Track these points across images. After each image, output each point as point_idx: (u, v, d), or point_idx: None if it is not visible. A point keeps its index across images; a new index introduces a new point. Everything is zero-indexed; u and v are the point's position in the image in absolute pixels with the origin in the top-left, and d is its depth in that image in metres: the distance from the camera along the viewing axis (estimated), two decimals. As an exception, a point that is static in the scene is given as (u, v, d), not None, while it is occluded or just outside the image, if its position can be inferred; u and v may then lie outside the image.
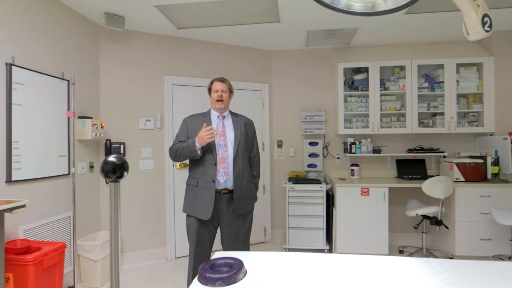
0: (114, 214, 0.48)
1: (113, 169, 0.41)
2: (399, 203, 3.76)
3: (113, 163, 0.42)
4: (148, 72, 3.28)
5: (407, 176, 3.61)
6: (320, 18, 2.99)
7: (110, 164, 0.41)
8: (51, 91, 2.43)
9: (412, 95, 3.49)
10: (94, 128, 2.75)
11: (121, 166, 0.43)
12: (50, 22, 2.46)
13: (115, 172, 0.41)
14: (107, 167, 0.41)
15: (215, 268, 1.23)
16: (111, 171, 0.41)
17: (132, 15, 2.87)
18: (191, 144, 2.01)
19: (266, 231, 3.89)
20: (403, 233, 3.74)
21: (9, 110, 2.06)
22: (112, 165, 0.41)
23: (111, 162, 0.42)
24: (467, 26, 1.58)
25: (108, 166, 0.40)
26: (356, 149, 3.65)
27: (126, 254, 3.15)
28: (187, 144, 2.03)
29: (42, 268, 1.92)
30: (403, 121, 3.60)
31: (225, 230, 2.13)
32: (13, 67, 2.08)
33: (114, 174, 0.41)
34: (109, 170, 0.41)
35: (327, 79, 3.92)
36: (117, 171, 0.41)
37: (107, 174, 0.41)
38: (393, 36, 3.46)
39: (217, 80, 2.19)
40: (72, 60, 2.70)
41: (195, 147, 2.00)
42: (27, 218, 2.21)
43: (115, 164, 0.41)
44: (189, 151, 2.03)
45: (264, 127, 3.92)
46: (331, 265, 1.29)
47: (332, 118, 3.90)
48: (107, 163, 0.41)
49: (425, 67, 3.67)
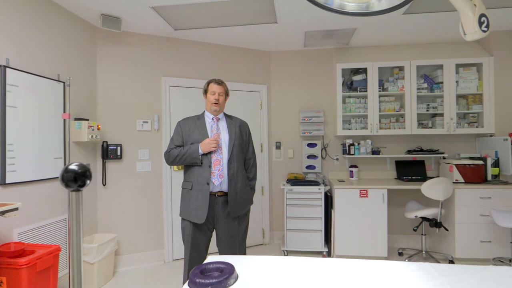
0: (76, 225, 0.45)
1: (74, 178, 0.38)
2: (398, 204, 3.73)
3: (74, 171, 0.39)
4: (145, 73, 3.27)
5: (407, 178, 3.58)
6: (317, 19, 2.97)
7: (71, 172, 0.39)
8: (46, 93, 2.42)
9: (411, 96, 3.46)
10: (90, 130, 2.74)
11: (83, 174, 0.40)
12: (46, 23, 2.45)
13: (77, 181, 0.39)
14: (67, 175, 0.39)
15: (206, 273, 1.21)
16: (72, 180, 0.39)
17: (128, 17, 2.86)
18: (194, 151, 2.01)
19: (265, 233, 3.87)
20: (402, 235, 3.71)
21: (3, 112, 2.05)
22: (73, 173, 0.38)
23: (72, 171, 0.40)
24: (464, 26, 1.56)
25: (68, 175, 0.38)
26: (355, 151, 3.62)
27: (123, 256, 3.13)
28: (190, 151, 2.03)
29: (36, 272, 1.91)
30: (402, 122, 3.57)
31: (221, 233, 2.11)
32: (7, 69, 2.07)
33: (76, 183, 0.39)
34: (69, 179, 0.38)
35: (326, 80, 3.90)
36: (79, 180, 0.39)
37: (68, 183, 0.39)
38: (392, 37, 3.43)
39: (214, 82, 2.15)
40: (69, 61, 2.69)
41: (198, 154, 2.01)
42: (22, 220, 2.20)
43: (76, 172, 0.39)
44: (191, 158, 2.04)
45: (262, 129, 3.90)
46: (325, 269, 1.27)
47: (331, 119, 3.88)
48: (68, 172, 0.39)
49: (424, 68, 3.64)
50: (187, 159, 2.05)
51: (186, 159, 2.06)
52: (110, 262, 2.88)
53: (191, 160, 2.05)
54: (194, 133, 2.12)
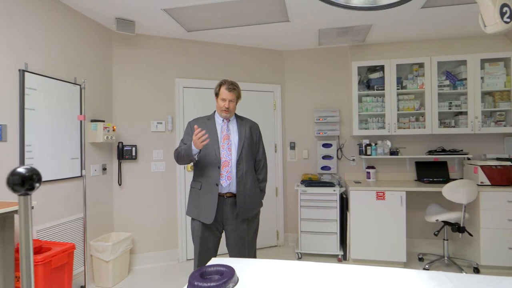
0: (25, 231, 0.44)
1: (22, 181, 0.37)
2: (419, 207, 3.56)
3: (22, 174, 0.38)
4: (159, 75, 3.32)
5: (427, 179, 3.41)
6: (330, 16, 2.89)
7: (18, 176, 0.38)
8: (63, 95, 2.51)
9: (431, 94, 3.30)
10: (105, 131, 2.81)
11: (30, 178, 0.39)
12: (64, 28, 2.53)
13: (24, 185, 0.38)
14: (14, 179, 0.38)
15: (206, 275, 1.19)
16: (19, 183, 0.37)
17: (142, 20, 2.91)
18: (188, 148, 1.99)
19: (279, 234, 3.82)
20: (423, 239, 3.54)
21: (22, 114, 2.14)
22: (20, 177, 0.37)
23: (19, 174, 0.38)
24: (483, 17, 1.45)
25: (15, 178, 0.37)
26: (371, 151, 3.50)
27: (138, 255, 3.19)
28: (186, 148, 2.01)
29: (51, 268, 1.97)
30: (423, 121, 3.41)
31: (230, 235, 2.09)
32: (26, 73, 2.16)
33: (23, 187, 0.38)
34: (16, 183, 0.37)
35: (341, 79, 3.80)
36: (26, 183, 0.38)
37: (14, 187, 0.38)
38: (410, 32, 3.28)
39: (226, 88, 2.07)
40: (85, 65, 2.78)
41: (192, 151, 1.97)
42: (40, 219, 2.28)
43: (23, 176, 0.38)
44: (187, 155, 2.00)
45: (276, 129, 3.85)
46: (331, 275, 1.21)
47: (347, 119, 3.77)
48: (15, 175, 0.38)
49: (446, 64, 3.46)
50: (184, 156, 2.01)
51: (183, 157, 2.02)
52: (125, 260, 2.94)
53: (187, 157, 2.00)
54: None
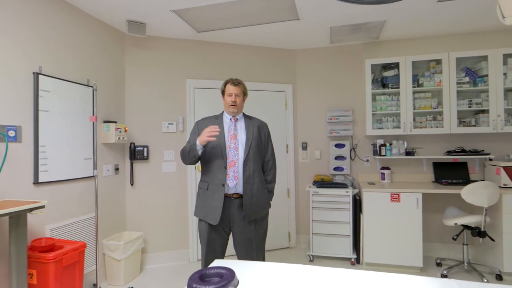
0: None
1: None
2: (436, 210, 3.41)
3: None
4: (171, 76, 3.35)
5: (446, 181, 3.26)
6: (341, 13, 2.82)
7: None
8: (76, 97, 2.57)
9: (450, 91, 3.15)
10: (117, 132, 2.86)
11: None
12: (77, 32, 2.59)
13: None
14: None
15: (206, 278, 1.17)
16: None
17: (153, 22, 2.94)
18: (193, 143, 1.99)
19: (291, 236, 3.77)
20: (442, 243, 3.39)
21: (36, 116, 2.20)
22: None
23: None
24: (502, 8, 1.36)
25: None
26: (386, 151, 3.39)
27: (150, 254, 3.22)
28: (190, 143, 2.01)
29: (62, 266, 2.01)
30: (440, 120, 3.27)
31: (237, 236, 2.07)
32: (40, 76, 2.22)
33: None
34: None
35: (355, 77, 3.70)
36: None
37: None
38: (426, 28, 3.16)
39: (230, 83, 2.10)
40: (98, 67, 2.83)
41: (196, 145, 1.97)
42: (53, 217, 2.34)
43: None
44: (191, 150, 1.99)
45: (288, 129, 3.80)
46: (335, 280, 1.16)
47: (360, 118, 3.67)
48: None
49: (465, 60, 3.30)
50: (190, 152, 2.00)
51: (189, 153, 2.01)
52: (136, 259, 2.97)
53: (192, 152, 1.99)
54: None
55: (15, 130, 2.06)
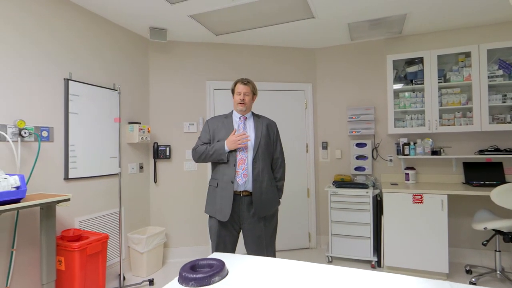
0: None
1: None
2: (466, 213, 3.19)
3: None
4: (191, 78, 3.49)
5: (477, 182, 3.04)
6: (358, 8, 2.76)
7: None
8: (103, 100, 2.78)
9: (480, 86, 2.94)
10: (141, 132, 3.04)
11: None
12: (103, 39, 2.81)
13: None
14: None
15: (198, 268, 1.23)
16: None
17: (172, 27, 3.09)
18: (220, 148, 2.06)
19: (311, 236, 3.73)
20: (472, 249, 3.15)
21: (67, 118, 2.43)
22: None
23: None
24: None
25: None
26: (410, 151, 3.23)
27: (171, 249, 3.38)
28: (216, 148, 2.08)
29: (86, 255, 2.20)
30: (471, 117, 3.05)
31: (247, 234, 2.11)
32: (70, 81, 2.45)
33: None
34: None
35: (376, 74, 3.58)
36: None
37: None
38: (452, 19, 2.97)
39: (240, 82, 2.17)
40: (124, 72, 3.04)
41: (224, 150, 2.05)
42: (81, 211, 2.56)
43: None
44: (217, 155, 2.08)
45: (307, 128, 3.78)
46: (327, 279, 1.16)
47: (382, 116, 3.54)
48: None
49: (498, 51, 3.04)
50: (213, 155, 2.08)
51: (212, 156, 2.09)
52: (159, 253, 3.14)
53: (217, 157, 2.08)
54: (220, 131, 2.16)
55: (48, 131, 2.29)
